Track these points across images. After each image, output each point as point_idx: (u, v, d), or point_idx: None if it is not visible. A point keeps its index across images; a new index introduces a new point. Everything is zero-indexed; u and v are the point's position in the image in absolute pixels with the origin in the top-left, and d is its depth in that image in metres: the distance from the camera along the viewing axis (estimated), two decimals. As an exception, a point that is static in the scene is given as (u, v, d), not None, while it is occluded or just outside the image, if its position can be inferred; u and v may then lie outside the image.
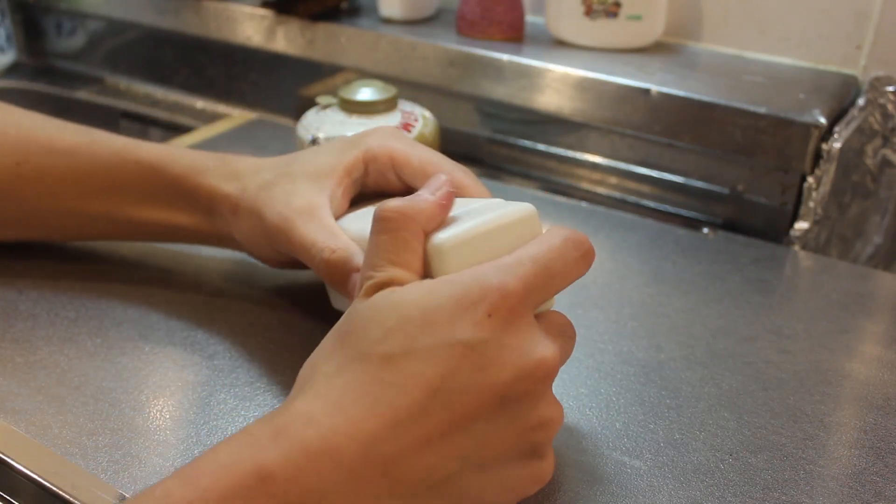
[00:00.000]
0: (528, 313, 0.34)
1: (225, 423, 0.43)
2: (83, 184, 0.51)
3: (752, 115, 0.64)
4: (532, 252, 0.35)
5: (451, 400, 0.32)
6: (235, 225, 0.49)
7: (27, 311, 0.51)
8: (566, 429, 0.44)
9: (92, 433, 0.42)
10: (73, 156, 0.51)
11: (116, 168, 0.51)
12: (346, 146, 0.48)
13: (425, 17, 0.82)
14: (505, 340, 0.33)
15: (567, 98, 0.71)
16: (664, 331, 0.52)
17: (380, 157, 0.48)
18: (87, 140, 0.52)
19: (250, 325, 0.51)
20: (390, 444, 0.31)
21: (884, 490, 0.40)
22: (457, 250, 0.36)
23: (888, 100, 0.66)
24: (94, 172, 0.51)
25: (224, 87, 0.93)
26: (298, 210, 0.45)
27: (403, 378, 0.32)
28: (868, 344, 0.52)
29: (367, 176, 0.49)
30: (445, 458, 0.32)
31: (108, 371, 0.46)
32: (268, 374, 0.47)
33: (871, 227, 0.70)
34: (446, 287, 0.33)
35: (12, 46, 1.04)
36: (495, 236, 0.37)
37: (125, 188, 0.51)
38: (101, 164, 0.51)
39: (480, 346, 0.32)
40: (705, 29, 0.77)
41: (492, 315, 0.32)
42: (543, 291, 0.35)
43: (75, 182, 0.51)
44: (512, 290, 0.33)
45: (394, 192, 0.49)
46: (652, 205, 0.72)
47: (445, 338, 0.32)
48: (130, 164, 0.51)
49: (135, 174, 0.51)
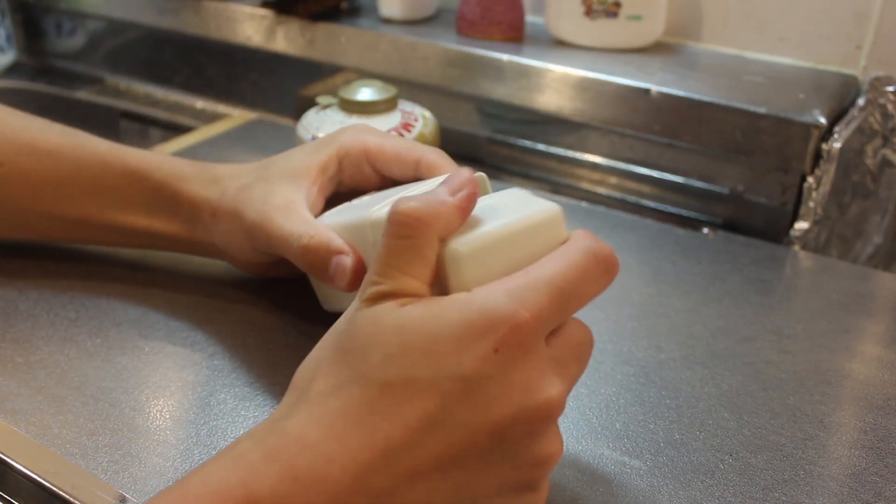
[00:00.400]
0: (537, 345, 0.32)
1: (225, 423, 0.43)
2: (66, 187, 0.51)
3: (752, 115, 0.64)
4: (549, 272, 0.32)
5: (447, 435, 0.31)
6: (216, 230, 0.49)
7: (27, 311, 0.51)
8: (566, 429, 0.44)
9: (92, 433, 0.42)
10: (57, 158, 0.51)
11: (100, 172, 0.51)
12: (320, 145, 0.49)
13: (425, 17, 0.82)
14: (510, 377, 0.31)
15: (567, 98, 0.71)
16: (664, 331, 0.52)
17: (353, 151, 0.48)
18: (73, 143, 0.51)
19: (250, 325, 0.51)
20: (383, 476, 0.30)
21: (884, 490, 0.40)
22: (474, 257, 0.33)
23: (888, 100, 0.66)
24: (77, 175, 0.51)
25: (224, 87, 0.93)
26: (276, 206, 0.46)
27: (401, 409, 0.31)
28: (868, 344, 0.52)
29: (342, 172, 0.49)
30: (438, 491, 0.31)
31: (108, 371, 0.46)
32: (268, 374, 0.47)
33: (871, 227, 0.70)
34: (454, 313, 0.31)
35: (12, 46, 1.04)
36: (516, 241, 0.34)
37: (108, 193, 0.51)
38: (84, 167, 0.51)
39: (484, 382, 0.30)
40: (705, 29, 0.77)
41: (498, 350, 0.30)
42: (559, 316, 0.33)
43: (57, 185, 0.51)
44: (523, 323, 0.31)
45: (369, 187, 0.49)
46: (652, 205, 0.72)
47: (447, 371, 0.30)
48: (115, 168, 0.51)
49: (118, 179, 0.51)
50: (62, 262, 0.56)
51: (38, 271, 0.55)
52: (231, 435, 0.42)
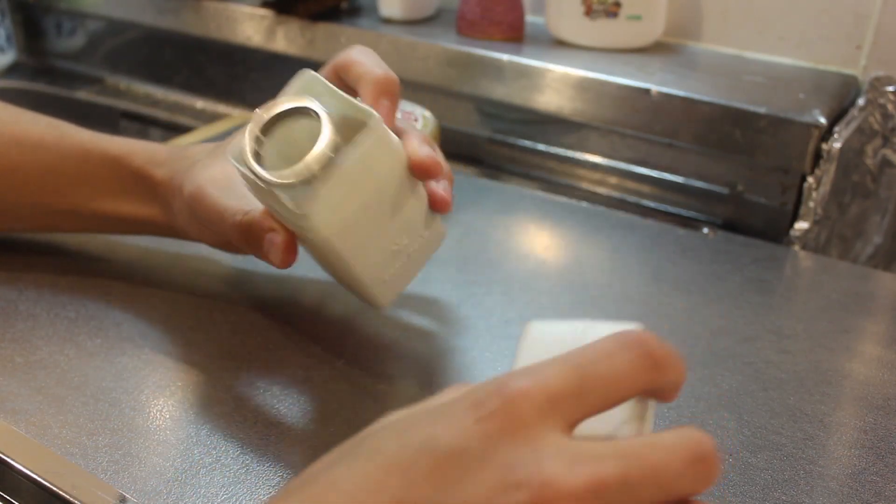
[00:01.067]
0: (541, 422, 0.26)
1: (225, 423, 0.43)
2: (51, 177, 0.51)
3: (752, 115, 0.64)
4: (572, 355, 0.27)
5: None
6: (176, 208, 0.49)
7: (27, 311, 0.51)
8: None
9: (92, 433, 0.42)
10: (41, 150, 0.51)
11: (82, 161, 0.51)
12: None
13: (425, 17, 0.82)
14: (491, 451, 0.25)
15: (567, 98, 0.71)
16: (664, 331, 0.52)
17: None
18: (56, 133, 0.52)
19: (250, 326, 0.51)
20: None
21: (884, 490, 0.40)
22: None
23: (888, 100, 0.66)
24: (61, 165, 0.51)
25: (224, 87, 0.93)
26: (210, 179, 0.45)
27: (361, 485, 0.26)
28: (868, 344, 0.52)
29: None
30: None
31: (108, 371, 0.46)
32: (268, 374, 0.47)
33: (871, 227, 0.70)
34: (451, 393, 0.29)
35: (12, 46, 1.04)
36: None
37: (90, 181, 0.51)
38: (68, 157, 0.51)
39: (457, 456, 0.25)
40: (705, 29, 0.77)
41: (480, 421, 0.25)
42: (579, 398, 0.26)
43: (43, 176, 0.51)
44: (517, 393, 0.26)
45: None
46: (652, 205, 0.72)
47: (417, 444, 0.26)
48: (95, 157, 0.51)
49: (99, 167, 0.51)
50: (62, 261, 0.56)
51: (38, 271, 0.55)
52: (231, 435, 0.42)
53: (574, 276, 0.58)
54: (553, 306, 0.54)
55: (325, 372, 0.47)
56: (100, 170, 0.51)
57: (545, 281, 0.57)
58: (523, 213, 0.67)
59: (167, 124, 0.92)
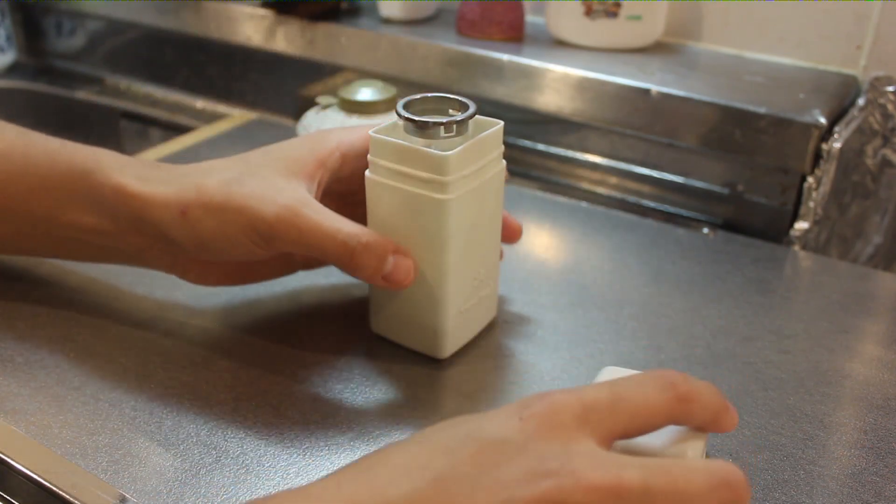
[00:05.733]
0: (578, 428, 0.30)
1: (225, 424, 0.43)
2: (14, 185, 0.49)
3: (752, 114, 0.64)
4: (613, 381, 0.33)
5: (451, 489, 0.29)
6: (185, 228, 0.45)
7: (27, 311, 0.51)
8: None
9: (92, 433, 0.42)
10: (8, 158, 0.49)
11: (48, 170, 0.49)
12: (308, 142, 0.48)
13: (425, 17, 0.82)
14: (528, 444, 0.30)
15: (567, 98, 0.71)
16: (664, 331, 0.52)
17: (357, 143, 0.47)
18: (23, 142, 0.50)
19: (251, 325, 0.51)
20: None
21: (884, 490, 0.40)
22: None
23: (888, 100, 0.66)
24: (26, 174, 0.49)
25: (224, 87, 0.93)
26: (300, 201, 0.44)
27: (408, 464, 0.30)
28: (868, 344, 0.52)
29: (344, 166, 0.48)
30: None
31: (108, 371, 0.46)
32: (268, 374, 0.47)
33: (871, 227, 0.70)
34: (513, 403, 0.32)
35: (12, 46, 1.04)
36: None
37: (55, 191, 0.49)
38: (33, 165, 0.49)
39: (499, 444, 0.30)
40: (705, 29, 0.77)
41: (524, 420, 0.30)
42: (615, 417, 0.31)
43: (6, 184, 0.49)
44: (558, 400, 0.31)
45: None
46: (652, 205, 0.72)
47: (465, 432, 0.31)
48: (61, 165, 0.48)
49: (64, 177, 0.48)
50: (62, 262, 0.56)
51: (38, 271, 0.55)
52: (231, 435, 0.42)
53: (574, 276, 0.58)
54: (553, 306, 0.54)
55: (325, 372, 0.47)
56: (63, 180, 0.48)
57: (545, 281, 0.57)
58: (523, 213, 0.67)
59: (167, 124, 0.92)
